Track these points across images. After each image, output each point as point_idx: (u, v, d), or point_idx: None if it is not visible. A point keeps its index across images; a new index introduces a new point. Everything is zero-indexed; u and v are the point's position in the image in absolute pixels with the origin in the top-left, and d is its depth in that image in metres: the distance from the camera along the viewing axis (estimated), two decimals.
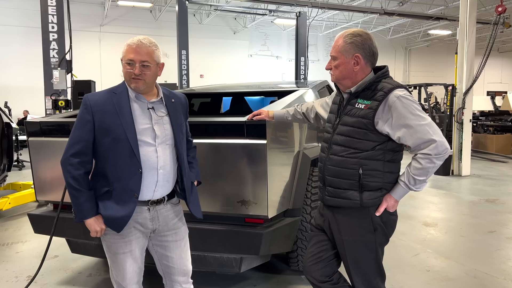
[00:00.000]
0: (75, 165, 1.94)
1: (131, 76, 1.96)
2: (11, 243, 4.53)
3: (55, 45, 6.38)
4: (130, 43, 1.97)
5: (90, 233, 2.02)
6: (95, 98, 2.00)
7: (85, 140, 1.96)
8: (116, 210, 1.97)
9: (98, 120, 1.95)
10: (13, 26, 16.98)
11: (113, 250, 2.07)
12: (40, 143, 3.24)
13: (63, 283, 3.47)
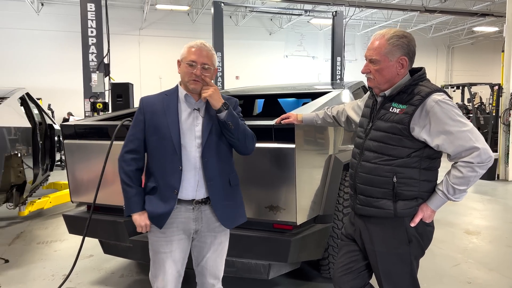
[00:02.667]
0: (128, 161, 2.09)
1: (191, 77, 2.02)
2: (50, 242, 4.69)
3: (94, 49, 6.57)
4: (192, 45, 2.06)
5: (136, 228, 2.10)
6: (147, 100, 2.15)
7: (137, 139, 2.11)
8: (158, 206, 2.05)
9: (148, 119, 2.09)
10: (57, 31, 17.76)
11: (155, 249, 2.13)
12: (75, 146, 3.31)
13: (96, 283, 3.54)
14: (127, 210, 2.11)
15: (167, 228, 2.07)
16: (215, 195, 2.10)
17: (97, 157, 3.12)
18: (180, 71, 2.08)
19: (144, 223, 2.07)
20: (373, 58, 1.93)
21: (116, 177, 3.06)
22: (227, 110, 2.03)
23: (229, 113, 2.04)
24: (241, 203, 2.27)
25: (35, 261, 4.08)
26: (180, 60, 2.08)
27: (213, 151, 2.08)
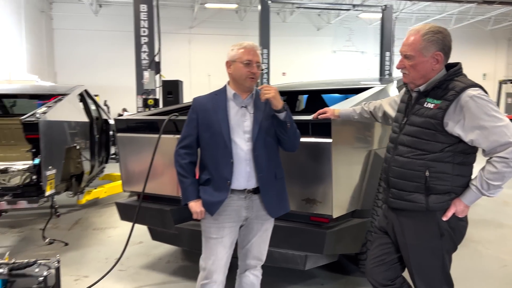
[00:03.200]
0: (182, 155, 2.28)
1: (248, 75, 2.20)
2: (104, 228, 5.05)
3: (146, 48, 6.91)
4: (244, 45, 2.22)
5: (192, 215, 2.27)
6: (199, 100, 2.34)
7: (191, 135, 2.30)
8: (213, 195, 2.23)
9: (201, 117, 2.27)
10: (113, 31, 18.70)
11: (207, 234, 2.31)
12: (126, 139, 3.57)
13: (145, 267, 3.80)
14: (184, 199, 2.29)
15: (220, 216, 2.25)
16: (264, 186, 2.26)
17: (146, 150, 3.34)
18: (233, 71, 2.23)
19: (199, 210, 2.25)
20: (408, 54, 1.95)
21: (163, 168, 3.30)
22: (286, 110, 2.20)
23: (287, 113, 2.21)
24: (286, 195, 2.43)
25: (91, 245, 4.43)
26: (231, 60, 2.24)
27: (262, 146, 2.24)
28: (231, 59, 2.24)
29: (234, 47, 2.26)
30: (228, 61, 2.26)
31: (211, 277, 2.31)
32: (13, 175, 4.72)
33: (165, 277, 3.58)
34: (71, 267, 3.77)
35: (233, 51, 2.24)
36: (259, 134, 2.23)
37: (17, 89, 6.49)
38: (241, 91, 2.27)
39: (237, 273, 2.51)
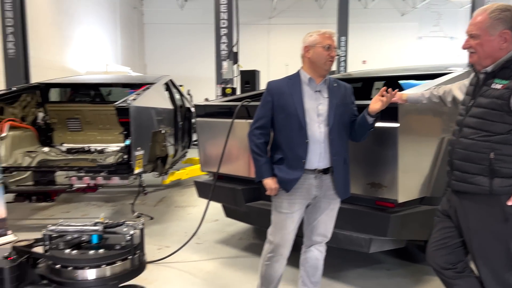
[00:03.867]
0: (257, 136, 2.44)
1: (328, 58, 2.36)
2: (185, 206, 5.50)
3: (225, 39, 7.24)
4: (324, 31, 2.39)
5: (266, 191, 2.46)
6: (274, 83, 2.49)
7: (266, 116, 2.44)
8: (288, 173, 2.37)
9: (276, 100, 2.41)
10: (196, 24, 19.60)
11: (279, 209, 2.47)
12: (204, 123, 3.87)
13: (219, 242, 4.11)
14: (258, 176, 2.46)
15: (293, 192, 2.40)
16: (337, 168, 2.40)
17: (221, 133, 3.60)
18: (313, 55, 2.37)
19: (274, 187, 2.41)
20: (473, 33, 1.92)
21: (236, 151, 3.54)
22: (377, 117, 2.37)
23: (376, 120, 2.38)
24: (349, 179, 2.54)
25: (173, 220, 4.87)
26: (310, 45, 2.37)
27: (336, 130, 2.38)
28: (310, 44, 2.37)
29: (313, 33, 2.40)
30: (306, 46, 2.39)
31: (277, 250, 2.48)
32: (108, 155, 5.34)
33: (237, 251, 3.85)
34: (155, 238, 4.21)
35: (312, 36, 2.38)
36: (335, 118, 2.36)
37: (112, 79, 7.23)
38: (317, 75, 2.40)
39: (302, 249, 2.65)
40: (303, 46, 2.42)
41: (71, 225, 2.07)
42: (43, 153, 5.40)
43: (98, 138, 6.19)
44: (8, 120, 5.01)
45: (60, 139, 6.06)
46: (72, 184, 4.30)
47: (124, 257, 1.96)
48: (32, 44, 8.36)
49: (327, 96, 2.40)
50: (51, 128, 6.00)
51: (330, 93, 2.40)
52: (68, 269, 1.86)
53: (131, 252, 1.97)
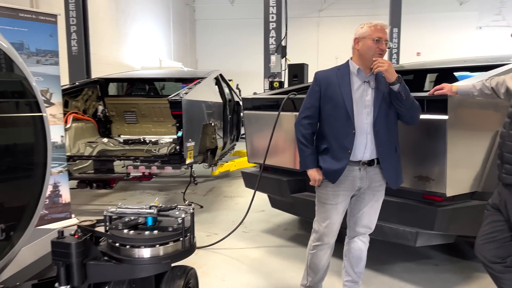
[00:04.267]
0: (305, 126, 2.46)
1: (377, 51, 2.32)
2: (233, 196, 5.67)
3: (274, 33, 7.31)
4: (375, 23, 2.35)
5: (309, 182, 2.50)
6: (322, 74, 2.50)
7: (313, 106, 2.45)
8: (332, 164, 2.39)
9: (324, 90, 2.42)
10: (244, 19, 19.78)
11: (323, 200, 2.51)
12: (251, 116, 3.98)
13: (264, 231, 4.23)
14: (303, 166, 2.49)
15: (336, 184, 2.42)
16: (385, 158, 2.40)
17: (267, 126, 3.69)
18: (362, 47, 2.36)
19: (318, 178, 2.44)
20: None
21: (282, 143, 3.62)
22: (400, 83, 2.29)
23: (402, 85, 2.30)
24: (400, 168, 2.52)
25: (221, 209, 5.06)
26: (360, 37, 2.36)
27: (384, 121, 2.36)
28: (360, 36, 2.37)
29: (364, 25, 2.39)
30: (356, 38, 2.40)
31: (323, 240, 2.53)
32: (162, 146, 5.62)
33: (281, 241, 3.95)
34: (204, 225, 4.40)
35: (363, 28, 2.38)
36: (381, 108, 2.35)
37: (166, 74, 7.55)
38: (365, 66, 2.39)
39: (345, 239, 2.68)
40: (354, 37, 2.42)
41: (129, 207, 2.25)
42: (102, 143, 5.78)
43: (153, 130, 6.52)
44: (71, 113, 5.42)
45: (117, 131, 6.45)
46: (129, 173, 4.58)
47: (176, 238, 2.10)
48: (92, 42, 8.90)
49: (375, 87, 2.39)
50: (109, 120, 6.41)
51: (378, 84, 2.38)
52: (126, 248, 2.03)
53: (182, 234, 2.11)
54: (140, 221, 2.23)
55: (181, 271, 2.21)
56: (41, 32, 4.23)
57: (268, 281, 3.12)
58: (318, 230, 2.55)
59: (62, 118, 4.50)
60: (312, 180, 2.47)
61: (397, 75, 2.27)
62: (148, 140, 6.12)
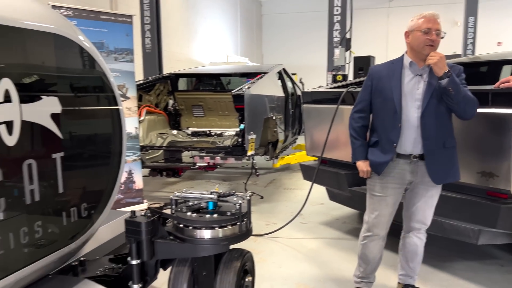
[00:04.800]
0: (356, 119, 2.54)
1: (427, 43, 2.28)
2: (292, 189, 5.78)
3: (338, 26, 7.25)
4: (424, 15, 2.32)
5: (358, 173, 2.57)
6: (375, 68, 2.58)
7: (365, 100, 2.52)
8: (379, 156, 2.44)
9: (375, 84, 2.47)
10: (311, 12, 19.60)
11: (372, 192, 2.56)
12: (310, 109, 4.05)
13: (322, 223, 4.30)
14: (353, 158, 2.58)
15: (385, 176, 2.45)
16: (429, 153, 2.36)
17: (326, 119, 3.74)
18: (412, 40, 2.35)
19: (366, 169, 2.50)
20: None
21: (341, 136, 3.65)
22: (449, 77, 2.23)
23: (450, 80, 2.23)
24: (454, 164, 2.44)
25: (281, 200, 5.19)
26: (410, 30, 2.37)
27: (432, 114, 2.33)
28: (409, 29, 2.36)
29: (413, 18, 2.37)
30: (406, 32, 2.39)
31: (372, 231, 2.57)
32: (226, 138, 5.87)
33: (339, 233, 3.99)
34: (264, 214, 4.56)
35: (412, 21, 2.36)
36: (430, 102, 2.31)
37: (231, 69, 7.81)
38: (418, 59, 2.37)
39: (401, 233, 2.69)
40: (405, 31, 2.41)
41: (192, 192, 2.46)
42: (172, 135, 6.17)
43: (218, 123, 6.82)
44: (145, 106, 5.85)
45: (186, 124, 6.84)
46: (195, 163, 4.89)
47: (234, 222, 2.26)
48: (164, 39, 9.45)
49: (427, 80, 2.35)
50: (179, 113, 6.81)
51: (431, 77, 2.33)
52: (189, 228, 2.23)
53: (239, 219, 2.27)
54: (202, 205, 2.43)
55: (238, 254, 2.38)
56: (118, 32, 4.63)
57: (323, 270, 3.20)
58: (367, 221, 2.59)
59: (136, 111, 4.89)
60: (361, 172, 2.53)
61: (446, 70, 2.22)
62: (213, 132, 6.42)
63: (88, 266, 2.45)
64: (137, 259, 2.23)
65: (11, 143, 1.80)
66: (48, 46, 2.12)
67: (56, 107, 2.09)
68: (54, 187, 2.09)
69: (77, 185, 2.31)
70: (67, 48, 2.21)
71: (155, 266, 2.37)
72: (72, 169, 2.22)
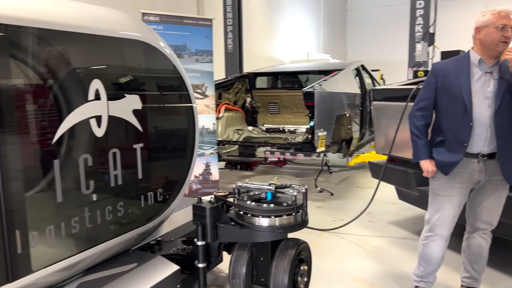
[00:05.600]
0: (418, 117, 2.49)
1: (501, 39, 2.23)
2: (366, 187, 5.72)
3: (421, 20, 6.95)
4: (499, 11, 2.27)
5: (422, 173, 2.54)
6: (440, 65, 2.51)
7: (428, 98, 2.46)
8: (447, 156, 2.39)
9: (440, 81, 2.41)
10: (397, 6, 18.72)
11: (436, 192, 2.53)
12: (380, 107, 4.02)
13: (391, 223, 4.25)
14: (415, 157, 2.53)
15: (452, 176, 2.40)
16: (503, 152, 2.29)
17: (395, 117, 3.69)
18: (484, 36, 2.28)
19: (431, 169, 2.46)
20: None
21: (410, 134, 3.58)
22: None
23: None
24: None
25: (351, 198, 5.20)
26: (482, 26, 2.30)
27: (506, 112, 2.26)
28: (482, 25, 2.29)
29: (485, 13, 2.30)
30: (478, 27, 2.31)
31: (434, 231, 2.52)
32: (298, 135, 6.01)
33: (407, 234, 3.92)
34: (332, 211, 4.63)
35: (485, 16, 2.28)
36: (503, 99, 2.24)
37: (309, 67, 7.90)
38: (488, 56, 2.29)
39: (464, 234, 2.61)
40: (475, 27, 2.33)
41: (253, 183, 2.67)
42: (248, 131, 6.48)
43: (293, 120, 6.97)
44: (224, 104, 6.23)
45: (262, 120, 7.10)
46: (266, 158, 5.11)
47: (289, 212, 2.41)
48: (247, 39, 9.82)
49: (498, 77, 2.27)
50: (256, 111, 7.09)
51: (502, 74, 2.25)
52: (248, 216, 2.43)
53: (294, 210, 2.42)
54: (262, 195, 2.62)
55: (293, 243, 2.53)
56: (199, 34, 5.01)
57: (385, 267, 3.20)
58: (429, 221, 2.55)
59: (214, 108, 5.25)
60: (425, 172, 2.48)
61: None
62: (287, 129, 6.59)
63: (163, 246, 2.80)
64: (202, 240, 2.50)
65: (99, 134, 2.17)
66: (133, 52, 2.49)
67: (137, 104, 2.43)
68: (134, 173, 2.44)
69: (154, 173, 2.66)
70: (150, 53, 2.56)
71: (218, 248, 2.63)
72: (149, 158, 2.56)
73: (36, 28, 1.87)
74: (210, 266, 2.68)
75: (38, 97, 2.05)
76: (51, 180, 1.97)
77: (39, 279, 1.90)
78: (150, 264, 2.46)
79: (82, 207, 2.11)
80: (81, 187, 2.09)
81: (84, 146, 2.19)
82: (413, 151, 2.55)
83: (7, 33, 1.75)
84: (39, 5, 1.95)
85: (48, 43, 1.98)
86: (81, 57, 2.21)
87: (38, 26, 1.87)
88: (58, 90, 2.06)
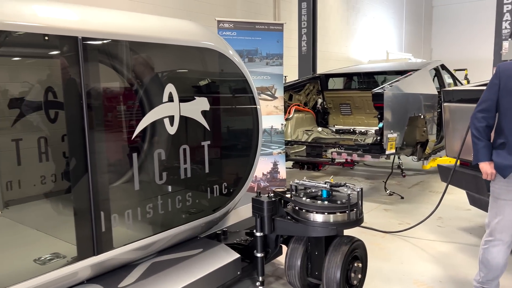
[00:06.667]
0: (479, 119, 2.47)
1: None
2: (440, 192, 5.47)
3: (508, 16, 6.48)
4: None
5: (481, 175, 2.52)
6: (504, 66, 2.46)
7: (490, 100, 2.44)
8: (506, 159, 2.37)
9: (503, 83, 2.38)
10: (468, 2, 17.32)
11: (496, 195, 2.48)
12: (450, 108, 3.89)
13: (462, 229, 4.08)
14: (475, 159, 2.51)
15: (511, 179, 2.35)
16: None
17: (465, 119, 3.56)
18: None
19: (490, 172, 2.42)
20: None
21: None
22: None
23: None
24: None
25: (422, 202, 5.04)
26: None
27: None
28: None
29: None
30: None
31: (494, 235, 2.46)
32: (368, 136, 5.97)
33: (477, 241, 3.74)
34: (400, 214, 4.55)
35: None
36: None
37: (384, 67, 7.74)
38: None
39: None
40: None
41: (310, 181, 2.80)
42: (317, 132, 6.56)
43: (365, 121, 6.90)
44: (294, 105, 6.39)
45: (333, 122, 7.13)
46: (333, 158, 5.16)
47: (343, 210, 2.51)
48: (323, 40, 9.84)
49: None
50: (327, 112, 7.14)
51: None
52: (303, 211, 2.57)
53: (348, 208, 2.50)
54: (319, 193, 2.75)
55: (347, 240, 2.62)
56: (270, 39, 5.24)
57: (447, 272, 3.13)
58: (489, 225, 2.49)
59: (283, 109, 5.43)
60: (484, 174, 2.43)
61: None
62: (358, 130, 6.55)
63: (229, 236, 3.06)
64: (260, 232, 2.70)
65: (172, 132, 2.48)
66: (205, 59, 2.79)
67: (206, 105, 2.72)
68: (202, 168, 2.73)
69: (219, 168, 2.93)
70: (219, 60, 2.84)
71: (276, 241, 2.81)
72: (216, 155, 2.83)
73: (127, 41, 2.23)
74: (268, 257, 2.87)
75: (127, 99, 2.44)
76: (130, 170, 2.31)
77: (119, 255, 2.25)
78: (214, 251, 2.73)
79: (155, 195, 2.44)
80: (155, 178, 2.41)
81: (159, 142, 2.52)
82: (473, 153, 2.52)
83: (105, 46, 2.12)
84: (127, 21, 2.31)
85: (135, 52, 2.35)
86: (159, 64, 2.55)
87: (128, 39, 2.22)
88: (141, 93, 2.42)
